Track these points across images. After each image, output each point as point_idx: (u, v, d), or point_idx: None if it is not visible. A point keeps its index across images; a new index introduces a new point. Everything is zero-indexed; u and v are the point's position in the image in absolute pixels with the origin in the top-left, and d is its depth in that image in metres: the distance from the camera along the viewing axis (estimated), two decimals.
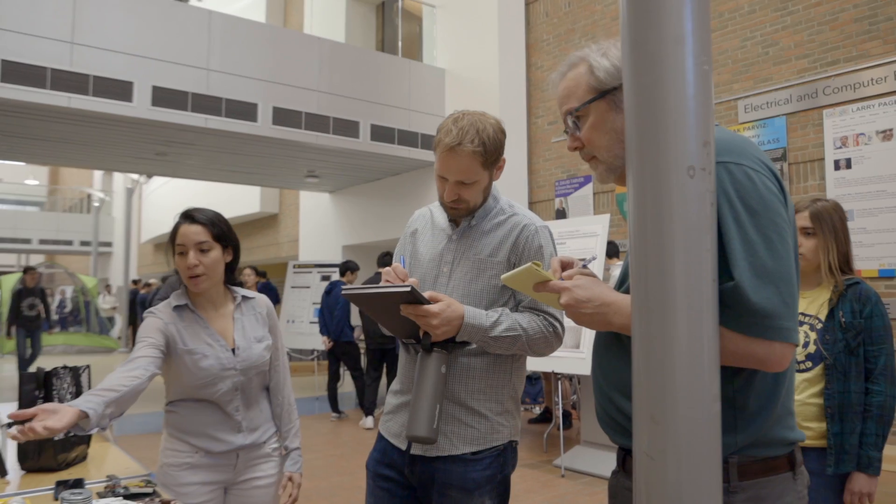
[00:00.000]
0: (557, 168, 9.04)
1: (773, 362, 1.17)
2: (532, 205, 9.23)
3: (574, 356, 5.52)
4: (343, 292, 1.76)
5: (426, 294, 1.73)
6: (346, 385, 8.99)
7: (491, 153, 1.82)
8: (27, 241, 25.30)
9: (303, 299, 10.03)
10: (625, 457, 1.42)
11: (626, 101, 1.06)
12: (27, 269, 11.62)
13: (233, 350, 2.15)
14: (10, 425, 2.15)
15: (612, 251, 6.45)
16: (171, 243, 2.12)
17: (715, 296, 1.05)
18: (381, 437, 1.99)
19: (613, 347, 1.40)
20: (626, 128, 1.06)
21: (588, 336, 5.52)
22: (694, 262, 1.03)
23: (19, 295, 11.01)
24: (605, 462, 5.28)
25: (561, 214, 8.78)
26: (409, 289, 1.65)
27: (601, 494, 4.92)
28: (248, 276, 7.57)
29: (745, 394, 1.24)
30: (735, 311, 1.15)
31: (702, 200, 1.02)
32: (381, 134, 9.44)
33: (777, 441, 1.28)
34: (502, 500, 1.89)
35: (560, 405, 6.11)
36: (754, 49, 6.94)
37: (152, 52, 7.74)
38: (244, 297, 2.26)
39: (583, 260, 1.42)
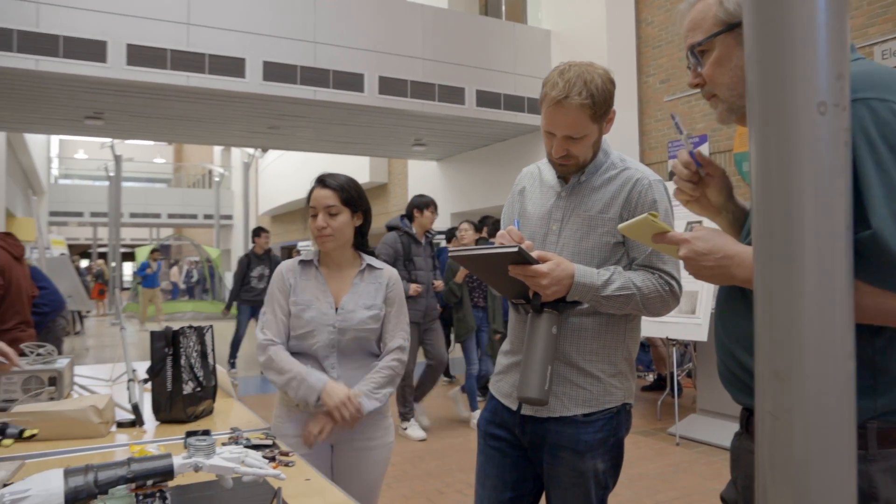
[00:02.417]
0: (671, 128, 8.69)
1: None
2: None
3: (690, 321, 5.34)
4: (450, 254, 1.76)
5: (534, 253, 1.69)
6: (457, 350, 9.10)
7: (600, 105, 1.73)
8: (157, 215, 27.13)
9: None
10: (748, 418, 1.34)
11: (745, 30, 0.98)
12: (258, 232, 8.64)
13: (336, 309, 2.25)
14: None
15: None
16: (308, 205, 2.30)
17: (849, 245, 0.96)
18: (491, 397, 1.99)
19: (738, 301, 1.32)
20: (746, 61, 0.98)
21: (704, 302, 5.32)
22: (825, 208, 0.94)
23: (247, 263, 8.55)
24: (722, 431, 5.10)
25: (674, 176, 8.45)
26: (516, 249, 1.62)
27: (718, 464, 4.77)
28: (466, 230, 6.58)
29: (887, 355, 1.13)
30: (874, 263, 1.05)
31: (835, 140, 0.93)
32: (486, 99, 9.38)
33: None
34: (615, 464, 1.85)
35: (676, 373, 5.94)
36: None
37: (262, 28, 8.00)
38: (369, 266, 2.35)
39: None
